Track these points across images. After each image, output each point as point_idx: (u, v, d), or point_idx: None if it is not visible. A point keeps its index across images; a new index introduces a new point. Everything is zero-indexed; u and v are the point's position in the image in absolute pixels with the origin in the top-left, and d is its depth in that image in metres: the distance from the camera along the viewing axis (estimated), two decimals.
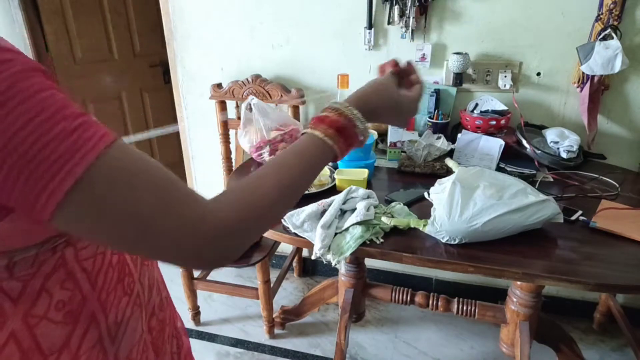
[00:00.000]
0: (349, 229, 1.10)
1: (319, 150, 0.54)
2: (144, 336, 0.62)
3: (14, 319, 0.46)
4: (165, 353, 0.70)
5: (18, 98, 0.37)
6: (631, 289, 0.98)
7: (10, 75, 0.38)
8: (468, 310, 1.55)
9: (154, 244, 0.42)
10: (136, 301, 0.60)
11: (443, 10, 1.62)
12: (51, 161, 0.37)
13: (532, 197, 1.06)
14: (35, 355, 0.49)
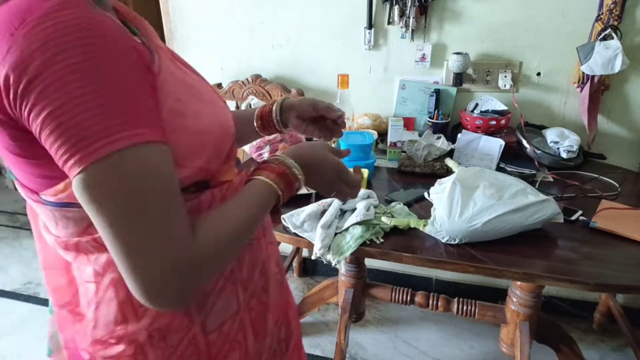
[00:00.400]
0: (349, 229, 1.10)
1: (267, 194, 0.60)
2: (240, 314, 0.64)
3: (115, 267, 0.49)
4: (267, 337, 0.70)
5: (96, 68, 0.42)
6: (631, 289, 0.98)
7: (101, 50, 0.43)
8: (468, 310, 1.55)
9: (132, 264, 0.45)
10: (230, 277, 0.62)
11: (443, 10, 1.62)
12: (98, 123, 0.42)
13: (532, 197, 1.06)
14: (128, 305, 0.55)
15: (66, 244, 0.55)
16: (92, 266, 0.55)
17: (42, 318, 2.02)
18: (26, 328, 1.96)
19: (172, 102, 0.52)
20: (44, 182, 0.50)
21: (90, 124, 0.41)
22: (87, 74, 0.41)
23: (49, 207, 0.53)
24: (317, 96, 1.87)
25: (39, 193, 0.52)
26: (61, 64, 0.41)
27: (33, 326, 1.97)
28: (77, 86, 0.41)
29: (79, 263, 0.57)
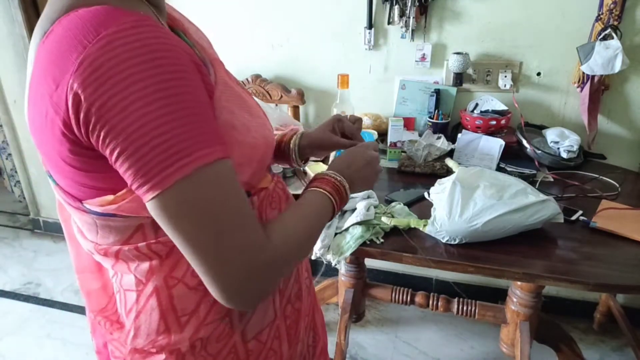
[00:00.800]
0: (349, 229, 1.10)
1: (326, 205, 0.63)
2: (277, 322, 0.65)
3: (159, 275, 0.54)
4: (299, 343, 0.72)
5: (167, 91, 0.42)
6: (631, 289, 0.98)
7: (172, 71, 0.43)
8: (468, 310, 1.55)
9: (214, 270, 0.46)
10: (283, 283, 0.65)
11: (443, 10, 1.62)
12: (176, 149, 0.43)
13: (532, 197, 1.06)
14: (171, 313, 0.56)
15: (106, 251, 0.55)
16: (133, 274, 0.55)
17: (42, 318, 2.02)
18: (26, 328, 1.96)
19: (227, 115, 0.52)
20: (92, 192, 0.50)
21: (165, 148, 0.42)
22: (161, 97, 0.42)
23: (92, 215, 0.52)
24: (317, 96, 1.87)
25: (82, 201, 0.51)
26: (136, 86, 0.41)
27: (33, 326, 1.97)
28: (151, 110, 0.41)
29: (118, 270, 0.57)
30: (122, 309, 0.58)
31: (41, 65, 0.44)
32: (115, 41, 0.41)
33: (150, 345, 0.57)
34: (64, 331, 1.93)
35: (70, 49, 0.42)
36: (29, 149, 2.46)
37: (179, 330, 0.56)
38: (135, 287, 0.56)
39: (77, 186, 0.50)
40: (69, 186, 0.51)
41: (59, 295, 2.16)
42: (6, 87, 2.33)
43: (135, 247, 0.53)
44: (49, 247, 2.56)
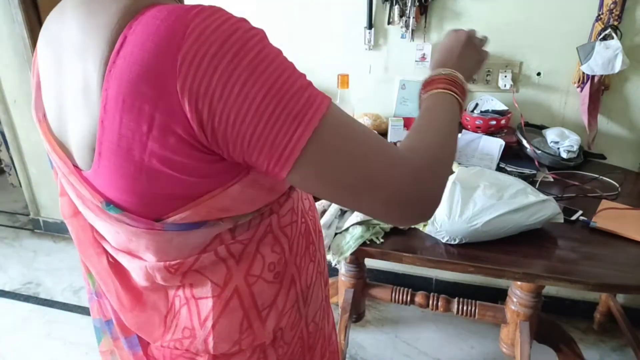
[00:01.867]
0: (349, 229, 1.10)
1: (454, 104, 0.60)
2: (323, 303, 0.69)
3: (238, 276, 0.55)
4: (332, 318, 0.76)
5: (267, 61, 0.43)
6: (631, 289, 0.99)
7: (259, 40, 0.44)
8: (468, 310, 1.55)
9: (375, 192, 0.46)
10: (318, 268, 0.66)
11: (443, 10, 1.62)
12: (296, 111, 0.43)
13: (532, 197, 1.06)
14: (253, 310, 0.57)
15: (179, 265, 0.54)
16: (210, 281, 0.55)
17: (42, 318, 2.02)
18: (26, 328, 1.96)
19: None
20: (173, 203, 0.49)
21: (286, 117, 0.43)
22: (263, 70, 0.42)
23: (169, 232, 0.51)
24: None
25: (161, 219, 0.50)
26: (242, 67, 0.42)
27: (33, 326, 1.97)
28: (260, 85, 0.42)
29: (189, 282, 0.56)
30: (192, 319, 0.57)
31: (126, 80, 0.42)
32: (204, 31, 0.41)
33: (236, 346, 0.57)
34: (63, 331, 1.93)
35: (161, 52, 0.41)
36: (29, 149, 2.46)
37: (261, 325, 0.58)
38: (212, 294, 0.55)
39: (157, 201, 0.48)
40: (145, 204, 0.49)
41: (58, 295, 2.16)
42: (6, 87, 2.33)
43: (215, 251, 0.54)
44: (49, 247, 2.56)
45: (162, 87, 0.41)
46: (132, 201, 0.49)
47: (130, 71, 0.42)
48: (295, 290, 0.61)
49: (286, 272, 0.59)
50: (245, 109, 0.42)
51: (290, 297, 0.60)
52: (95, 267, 0.60)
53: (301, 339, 0.64)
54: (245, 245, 0.55)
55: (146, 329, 0.59)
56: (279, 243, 0.58)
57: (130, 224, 0.51)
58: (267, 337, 0.58)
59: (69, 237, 2.62)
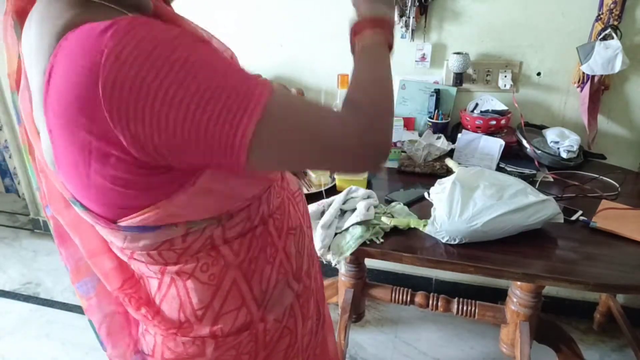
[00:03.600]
0: (349, 229, 1.10)
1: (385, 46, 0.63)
2: (291, 302, 0.68)
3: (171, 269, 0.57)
4: (309, 320, 0.74)
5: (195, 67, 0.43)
6: (631, 289, 0.99)
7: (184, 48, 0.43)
8: (468, 310, 1.55)
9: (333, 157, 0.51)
10: (280, 270, 0.65)
11: (443, 10, 1.62)
12: (236, 107, 0.44)
13: (532, 197, 1.06)
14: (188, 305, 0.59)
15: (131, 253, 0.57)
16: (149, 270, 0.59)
17: (42, 318, 2.02)
18: (26, 328, 1.96)
19: None
20: (123, 211, 0.51)
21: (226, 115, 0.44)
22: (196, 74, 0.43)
23: (124, 232, 0.53)
24: (317, 96, 1.87)
25: (116, 221, 0.52)
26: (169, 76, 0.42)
27: (33, 326, 1.97)
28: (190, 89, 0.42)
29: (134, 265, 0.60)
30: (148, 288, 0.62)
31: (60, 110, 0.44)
32: (120, 54, 0.40)
33: (178, 329, 0.61)
34: (63, 331, 1.93)
35: (83, 83, 0.41)
36: None
37: (197, 321, 0.60)
38: (156, 275, 0.60)
39: (115, 209, 0.51)
40: (104, 211, 0.51)
41: (58, 295, 2.16)
42: (6, 87, 2.33)
43: (159, 252, 0.56)
44: (49, 247, 2.56)
45: (92, 116, 0.42)
46: (89, 205, 0.52)
47: (59, 104, 0.43)
48: (241, 294, 0.61)
49: (226, 276, 0.59)
50: (181, 119, 0.42)
51: (232, 301, 0.60)
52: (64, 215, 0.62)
53: (255, 338, 0.64)
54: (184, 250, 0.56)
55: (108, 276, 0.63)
56: (217, 249, 0.58)
57: (94, 221, 0.53)
58: (204, 332, 0.61)
59: None
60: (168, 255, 0.56)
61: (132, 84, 0.41)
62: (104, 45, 0.40)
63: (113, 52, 0.40)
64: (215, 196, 0.53)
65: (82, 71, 0.41)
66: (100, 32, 0.41)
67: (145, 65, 0.41)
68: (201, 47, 0.45)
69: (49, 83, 0.44)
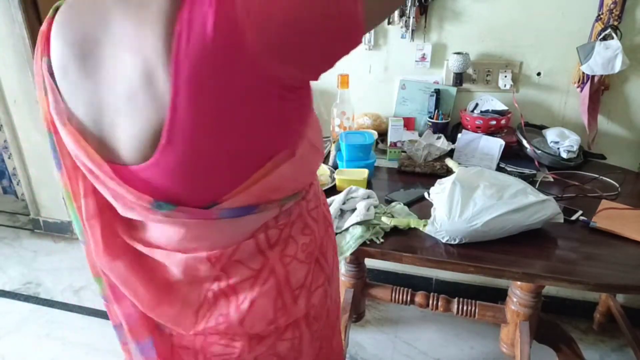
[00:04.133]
0: (349, 229, 1.10)
1: None
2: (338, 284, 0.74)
3: (274, 258, 0.58)
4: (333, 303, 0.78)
5: None
6: (631, 289, 0.98)
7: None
8: (468, 310, 1.55)
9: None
10: (335, 250, 0.72)
11: (443, 10, 1.62)
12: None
13: (532, 197, 1.06)
14: (287, 289, 0.60)
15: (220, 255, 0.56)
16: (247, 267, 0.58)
17: (42, 318, 2.02)
18: (26, 328, 1.96)
19: None
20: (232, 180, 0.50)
21: None
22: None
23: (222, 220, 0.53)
24: (317, 96, 1.87)
25: (216, 202, 0.51)
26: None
27: (33, 326, 1.97)
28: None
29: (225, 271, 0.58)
30: (229, 307, 0.58)
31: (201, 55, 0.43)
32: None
33: (272, 325, 0.60)
34: (63, 331, 1.93)
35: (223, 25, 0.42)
36: (29, 149, 2.46)
37: (294, 303, 0.61)
38: (249, 278, 0.58)
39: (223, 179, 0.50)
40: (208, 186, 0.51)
41: (58, 295, 2.16)
42: (6, 87, 2.33)
43: (255, 239, 0.57)
44: (49, 247, 2.56)
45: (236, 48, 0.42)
46: (190, 188, 0.50)
47: (204, 46, 0.42)
48: (323, 271, 0.66)
49: (314, 253, 0.64)
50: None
51: (318, 277, 0.65)
52: (112, 269, 0.58)
53: (327, 317, 0.68)
54: (281, 231, 0.59)
55: (177, 321, 0.59)
56: (309, 226, 0.62)
57: (183, 217, 0.52)
58: (300, 313, 0.62)
59: (69, 237, 2.62)
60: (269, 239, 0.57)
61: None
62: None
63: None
64: (304, 167, 0.57)
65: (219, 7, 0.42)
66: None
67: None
68: None
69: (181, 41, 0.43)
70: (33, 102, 2.31)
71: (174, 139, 0.46)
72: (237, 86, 0.45)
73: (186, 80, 0.43)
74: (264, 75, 0.45)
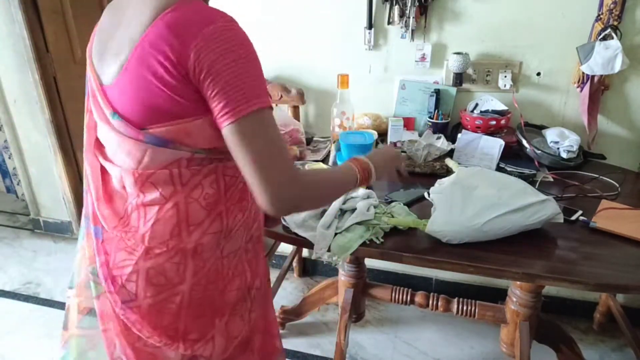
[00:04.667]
0: (349, 229, 1.10)
1: (353, 178, 0.87)
2: (240, 251, 0.87)
3: (181, 194, 0.77)
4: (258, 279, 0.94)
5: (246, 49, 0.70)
6: (631, 289, 0.98)
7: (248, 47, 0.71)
8: (468, 310, 1.55)
9: (265, 177, 0.68)
10: (245, 222, 0.86)
11: (443, 10, 1.62)
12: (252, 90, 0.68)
13: (532, 197, 1.06)
14: (184, 223, 0.77)
15: (141, 175, 0.75)
16: (159, 192, 0.76)
17: (42, 318, 2.02)
18: (26, 328, 1.96)
19: None
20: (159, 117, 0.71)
21: (245, 92, 0.67)
22: (244, 63, 0.67)
23: (146, 144, 0.73)
24: (317, 96, 1.87)
25: (145, 128, 0.72)
26: (232, 55, 0.66)
27: (33, 326, 1.97)
28: (239, 69, 0.67)
29: (144, 191, 0.77)
30: (139, 221, 0.78)
31: (159, 32, 0.67)
32: (227, 26, 0.68)
33: (163, 245, 0.77)
34: None
35: (192, 29, 0.66)
36: (29, 149, 2.46)
37: (187, 235, 0.78)
38: (159, 202, 0.77)
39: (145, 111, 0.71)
40: (137, 112, 0.71)
41: (58, 295, 2.16)
42: (6, 87, 2.33)
43: (170, 171, 0.75)
44: (49, 247, 2.56)
45: (182, 44, 0.66)
46: (132, 110, 0.72)
47: (168, 27, 0.67)
48: (221, 223, 0.80)
49: (216, 206, 0.79)
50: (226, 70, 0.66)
51: (214, 225, 0.79)
52: (92, 167, 0.84)
53: (215, 266, 0.82)
54: (192, 175, 0.76)
55: (108, 219, 0.81)
56: (217, 183, 0.79)
57: (122, 131, 0.74)
58: (189, 244, 0.78)
59: (68, 237, 2.62)
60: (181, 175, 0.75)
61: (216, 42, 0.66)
62: (215, 21, 0.67)
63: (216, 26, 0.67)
64: (214, 131, 0.71)
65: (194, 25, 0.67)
66: (213, 13, 0.69)
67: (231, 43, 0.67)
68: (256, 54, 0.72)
69: (164, 19, 0.68)
70: (33, 102, 2.31)
71: (130, 68, 0.70)
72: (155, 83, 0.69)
73: (150, 37, 0.68)
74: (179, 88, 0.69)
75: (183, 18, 0.67)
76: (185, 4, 0.68)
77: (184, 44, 0.66)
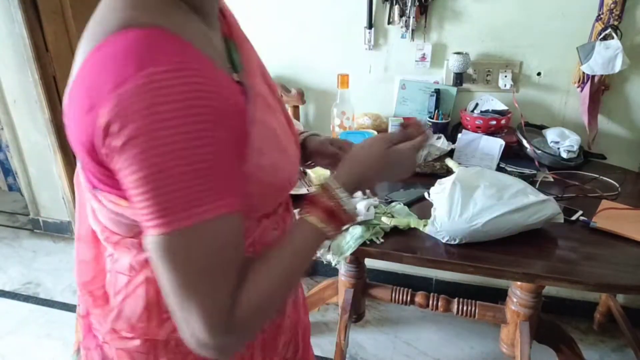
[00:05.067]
0: (349, 229, 1.10)
1: (317, 236, 0.57)
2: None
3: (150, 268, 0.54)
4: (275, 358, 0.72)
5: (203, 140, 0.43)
6: (631, 289, 0.99)
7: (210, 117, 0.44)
8: (468, 310, 1.54)
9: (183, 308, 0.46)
10: None
11: (443, 10, 1.62)
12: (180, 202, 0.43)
13: (532, 197, 1.06)
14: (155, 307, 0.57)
15: (111, 234, 0.57)
16: (130, 261, 0.58)
17: (42, 318, 2.02)
18: (26, 328, 1.96)
19: (256, 156, 0.52)
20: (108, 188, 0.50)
21: (178, 195, 0.43)
22: (184, 147, 0.42)
23: (104, 208, 0.54)
24: (317, 96, 1.87)
25: (99, 189, 0.52)
26: (164, 132, 0.41)
27: (33, 326, 1.97)
28: (173, 157, 0.42)
29: (117, 252, 0.59)
30: (110, 288, 0.61)
31: (85, 76, 0.46)
32: (153, 83, 0.41)
33: (129, 329, 0.60)
34: (63, 331, 1.93)
35: (111, 75, 0.42)
36: (29, 149, 2.46)
37: (159, 323, 0.58)
38: (128, 272, 0.58)
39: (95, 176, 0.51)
40: (88, 173, 0.52)
41: (58, 295, 2.16)
42: (6, 87, 2.33)
43: (139, 242, 0.53)
44: (49, 247, 2.56)
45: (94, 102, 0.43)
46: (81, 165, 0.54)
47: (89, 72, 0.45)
48: None
49: None
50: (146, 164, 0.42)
51: None
52: (79, 195, 0.67)
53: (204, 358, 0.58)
54: None
55: (81, 267, 0.67)
56: None
57: (83, 181, 0.55)
58: (160, 335, 0.59)
59: (68, 237, 2.62)
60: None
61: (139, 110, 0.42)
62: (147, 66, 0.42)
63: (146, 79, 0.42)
64: None
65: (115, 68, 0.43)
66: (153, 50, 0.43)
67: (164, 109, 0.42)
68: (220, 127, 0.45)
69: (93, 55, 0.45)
70: (33, 102, 2.31)
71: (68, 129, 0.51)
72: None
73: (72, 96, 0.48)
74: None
75: (100, 65, 0.44)
76: (120, 36, 0.44)
77: (96, 102, 0.43)
